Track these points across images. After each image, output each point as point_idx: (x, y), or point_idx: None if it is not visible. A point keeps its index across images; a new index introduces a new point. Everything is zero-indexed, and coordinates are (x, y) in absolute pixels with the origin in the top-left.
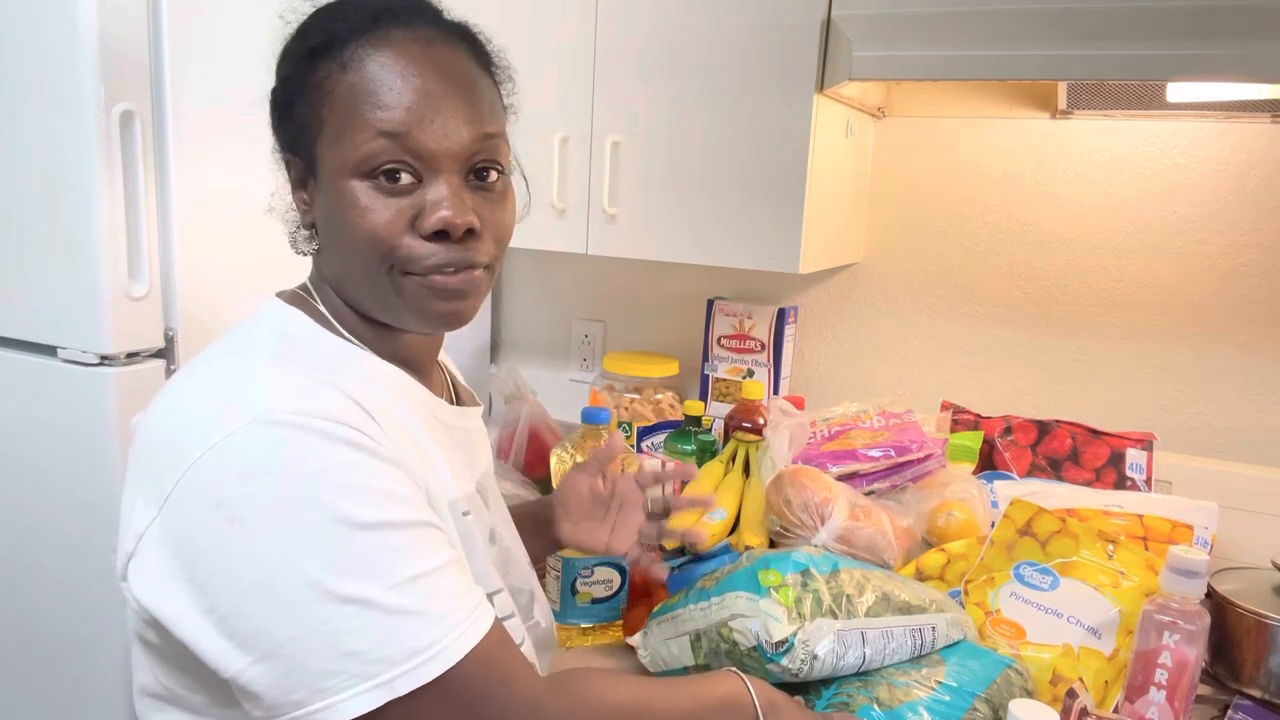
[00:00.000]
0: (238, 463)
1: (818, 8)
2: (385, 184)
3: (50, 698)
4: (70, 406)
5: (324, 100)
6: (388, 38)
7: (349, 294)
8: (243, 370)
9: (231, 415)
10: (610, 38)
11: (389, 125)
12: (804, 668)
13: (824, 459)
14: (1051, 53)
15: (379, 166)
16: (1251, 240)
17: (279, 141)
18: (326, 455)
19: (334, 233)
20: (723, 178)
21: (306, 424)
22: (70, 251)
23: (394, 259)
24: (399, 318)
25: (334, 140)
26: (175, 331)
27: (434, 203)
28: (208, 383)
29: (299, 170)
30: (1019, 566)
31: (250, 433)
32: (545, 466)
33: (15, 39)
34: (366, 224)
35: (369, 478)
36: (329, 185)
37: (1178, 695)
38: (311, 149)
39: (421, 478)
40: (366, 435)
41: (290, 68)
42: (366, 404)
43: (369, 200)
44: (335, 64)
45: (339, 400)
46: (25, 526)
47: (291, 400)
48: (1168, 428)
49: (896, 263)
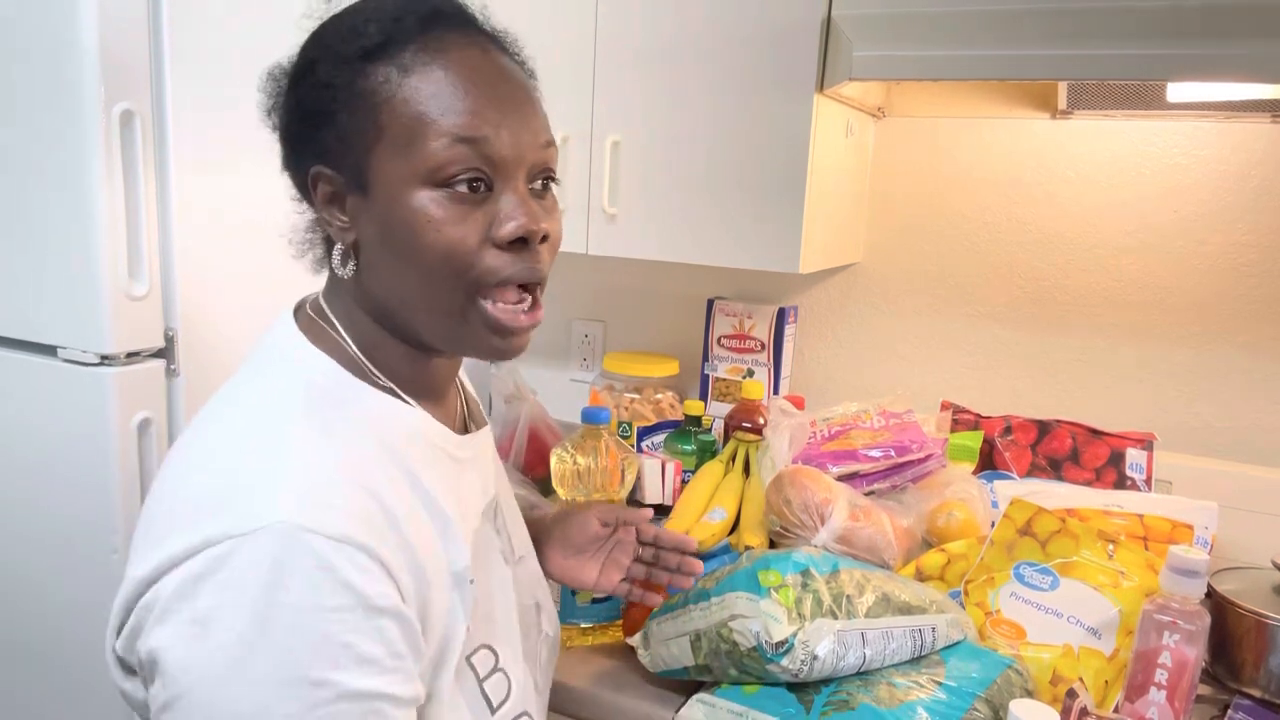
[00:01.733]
0: (231, 578)
1: (818, 7)
2: (460, 193)
3: (50, 698)
4: (70, 406)
5: (383, 106)
6: (445, 41)
7: (399, 318)
8: (265, 444)
9: (243, 512)
10: (610, 38)
11: (466, 130)
12: (804, 668)
13: (824, 459)
14: (1051, 53)
15: (456, 175)
16: (1251, 240)
17: (301, 156)
18: (320, 597)
19: (395, 250)
20: (723, 178)
21: (313, 549)
22: (70, 251)
23: (471, 275)
24: (454, 344)
25: (398, 148)
26: (175, 331)
27: (509, 210)
28: (226, 449)
29: (334, 185)
30: (1019, 566)
31: (254, 548)
32: (545, 466)
33: (15, 39)
34: (444, 238)
35: (351, 635)
36: (390, 197)
37: (1178, 695)
38: (362, 160)
39: (430, 560)
40: (370, 565)
41: (333, 73)
42: (385, 493)
43: (443, 211)
44: (394, 67)
45: (357, 506)
46: (25, 526)
47: (309, 509)
48: (1168, 428)
49: (896, 263)
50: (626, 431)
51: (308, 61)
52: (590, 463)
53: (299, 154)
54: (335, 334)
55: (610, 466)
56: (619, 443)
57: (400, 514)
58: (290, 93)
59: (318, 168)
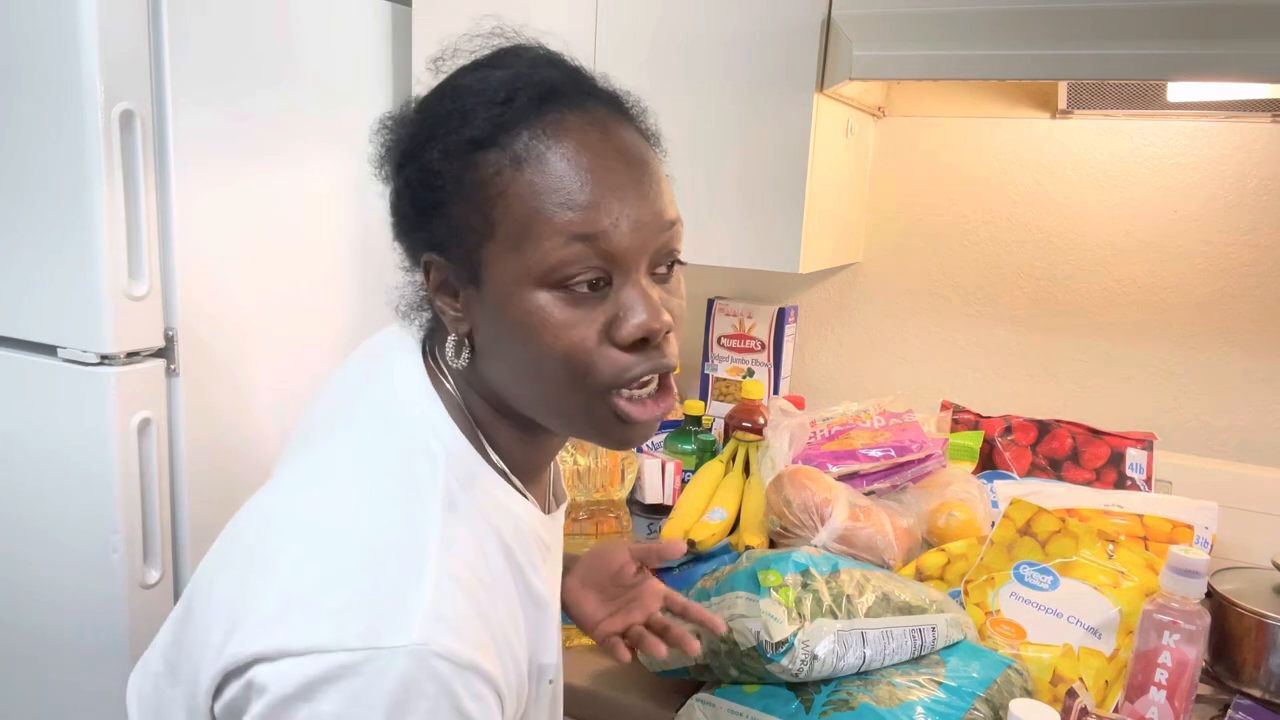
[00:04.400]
0: (359, 691)
1: (818, 7)
2: (580, 293)
3: (50, 698)
4: (70, 406)
5: (496, 201)
6: (562, 124)
7: (519, 409)
8: (411, 547)
9: (385, 625)
10: (610, 38)
11: (583, 227)
12: (804, 668)
13: (824, 459)
14: (1051, 53)
15: (573, 276)
16: (1251, 240)
17: (412, 241)
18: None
19: (510, 350)
20: (722, 178)
21: (440, 675)
22: (70, 251)
23: (594, 378)
24: (579, 434)
25: (511, 246)
26: (175, 331)
27: (629, 307)
28: (368, 538)
29: (447, 274)
30: (1019, 566)
31: (388, 665)
32: None
33: (15, 39)
34: (561, 343)
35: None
36: (504, 295)
37: (1178, 695)
38: (474, 253)
39: (525, 661)
40: (486, 694)
41: (443, 161)
42: (500, 600)
43: (561, 314)
44: (507, 158)
45: (484, 631)
46: (25, 526)
47: (443, 633)
48: (1168, 428)
49: (896, 263)
50: None
51: (417, 144)
52: (590, 463)
53: (410, 237)
54: (457, 402)
55: (610, 466)
56: None
57: (508, 619)
58: (399, 172)
59: (429, 255)
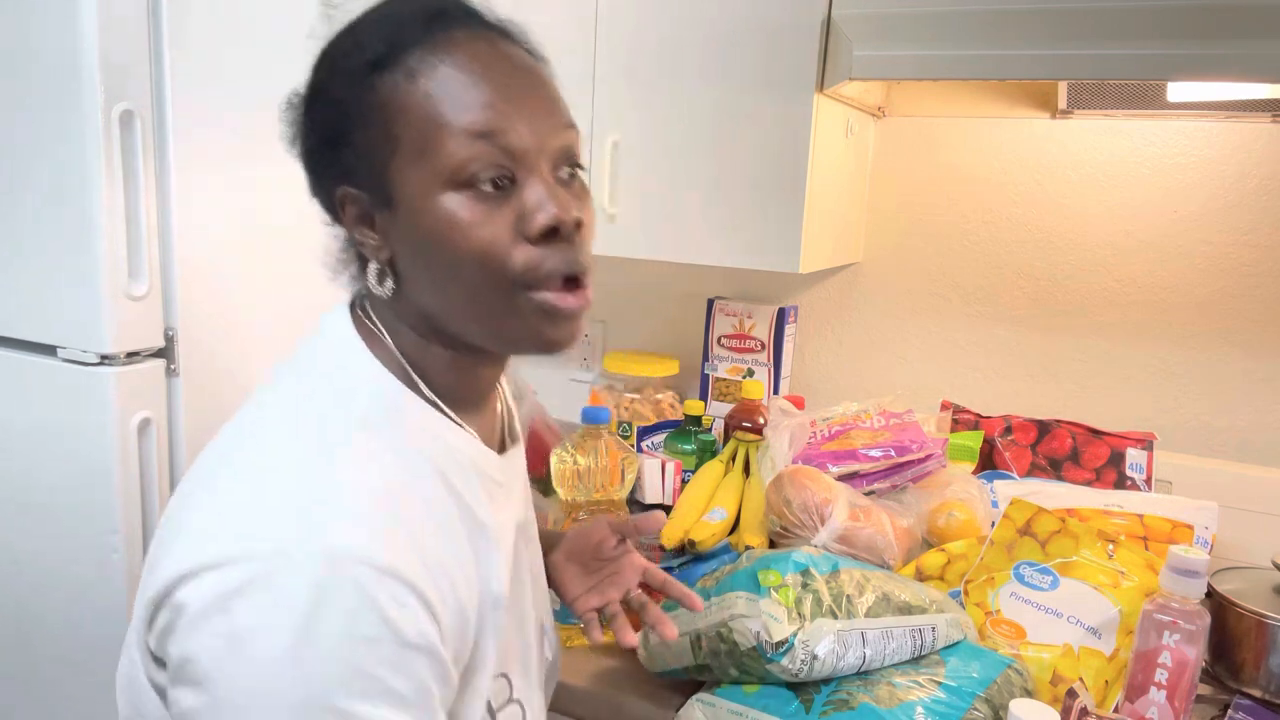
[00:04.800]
0: (273, 599)
1: (818, 7)
2: (485, 191)
3: (50, 697)
4: (70, 406)
5: (396, 117)
6: (451, 39)
7: (446, 326)
8: (320, 461)
9: (292, 532)
10: (610, 38)
11: (481, 125)
12: (804, 668)
13: (824, 459)
14: (1051, 53)
15: (477, 173)
16: (1251, 240)
17: (324, 178)
18: (357, 628)
19: (427, 260)
20: (722, 178)
21: (357, 580)
22: (70, 251)
23: (510, 273)
24: (509, 344)
25: (415, 156)
26: (175, 331)
27: (537, 202)
28: (280, 458)
29: (362, 204)
30: (1019, 566)
31: (300, 572)
32: (545, 466)
33: (15, 39)
34: (474, 240)
35: (382, 668)
36: (415, 207)
37: (1178, 695)
38: (382, 174)
39: (467, 588)
40: (410, 600)
41: (342, 90)
42: (431, 519)
43: (470, 213)
44: (401, 74)
45: (404, 537)
46: (25, 526)
47: (358, 538)
48: (1168, 428)
49: (896, 263)
50: (626, 431)
51: (318, 83)
52: (590, 463)
53: (322, 177)
54: (384, 342)
55: (610, 466)
56: (619, 443)
57: (443, 542)
58: (305, 117)
59: (343, 188)
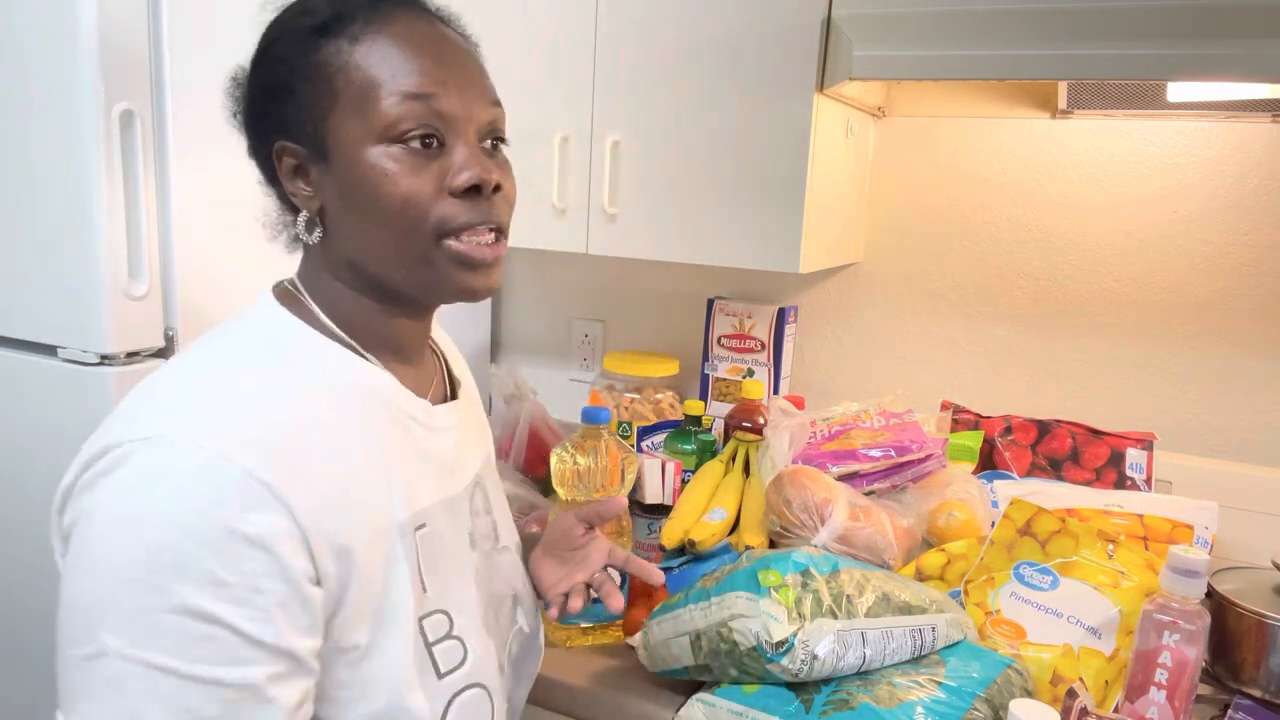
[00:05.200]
0: (117, 480)
1: (818, 7)
2: (415, 148)
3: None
4: (70, 406)
5: (336, 75)
6: (393, 15)
7: (369, 272)
8: (198, 371)
9: (145, 421)
10: (610, 38)
11: (416, 88)
12: (804, 668)
13: (824, 459)
14: (1051, 53)
15: (409, 130)
16: (1251, 240)
17: (263, 133)
18: (181, 508)
19: (357, 207)
20: (723, 178)
21: (192, 462)
22: (70, 251)
23: (429, 222)
24: (428, 290)
25: (353, 111)
26: (175, 331)
27: (462, 162)
28: (163, 375)
29: (298, 156)
30: (1019, 566)
31: (143, 454)
32: (545, 466)
33: (15, 39)
34: (401, 188)
35: (203, 551)
36: (348, 158)
37: (1178, 695)
38: (320, 128)
39: (366, 509)
40: (251, 491)
41: (288, 48)
42: (319, 436)
43: (398, 165)
44: (345, 39)
45: (262, 435)
46: (25, 526)
47: (201, 425)
48: (1168, 428)
49: (896, 263)
50: (626, 431)
51: (266, 43)
52: (590, 463)
53: (261, 131)
54: (305, 302)
55: (610, 466)
56: (619, 443)
57: (332, 457)
58: (251, 77)
59: (280, 142)
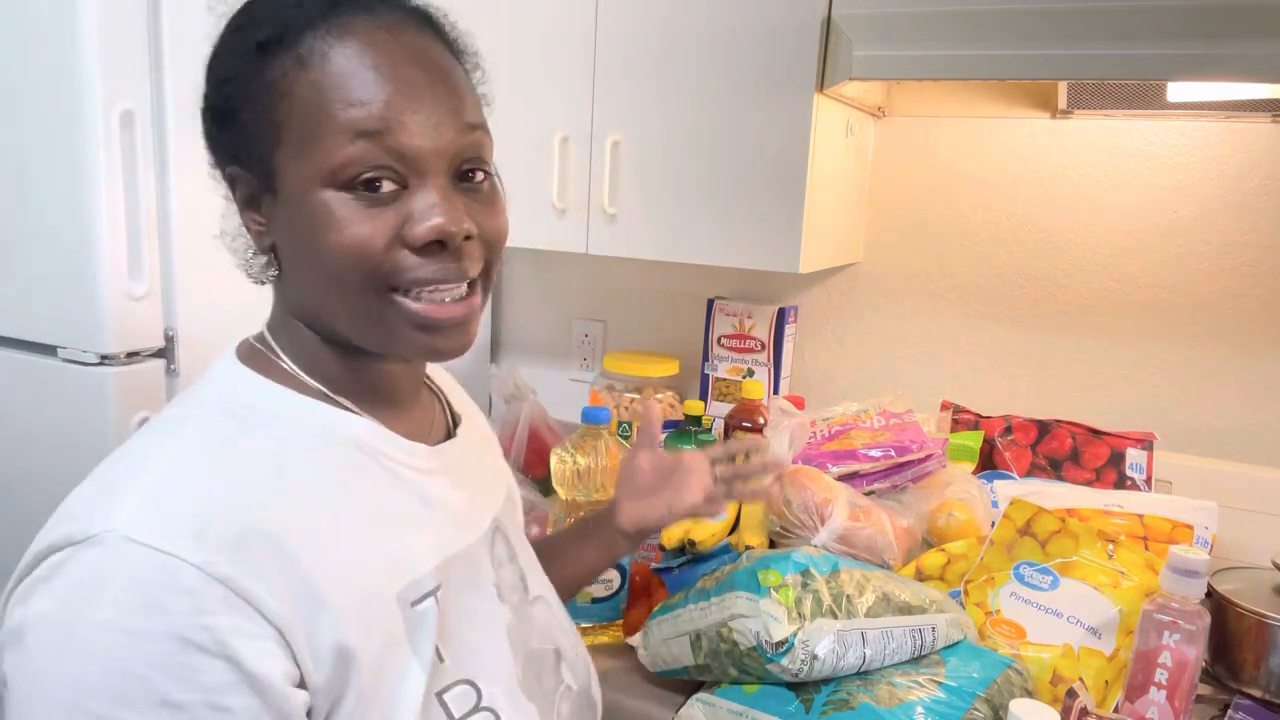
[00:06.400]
0: (57, 587)
1: (818, 7)
2: (370, 195)
3: None
4: (70, 406)
5: (280, 103)
6: (350, 26)
7: (322, 323)
8: (142, 453)
9: (85, 519)
10: (610, 37)
11: (366, 124)
12: (804, 668)
13: (824, 459)
14: (1051, 53)
15: (358, 175)
16: (1251, 240)
17: (217, 154)
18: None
19: (303, 254)
20: (723, 178)
21: (134, 564)
22: (70, 251)
23: (379, 275)
24: (384, 345)
25: (297, 148)
26: (175, 331)
27: (424, 210)
28: (126, 454)
29: (249, 186)
30: (1019, 566)
31: (83, 558)
32: (545, 466)
33: (15, 39)
34: (345, 239)
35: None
36: (294, 200)
37: (1178, 695)
38: (267, 161)
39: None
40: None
41: (232, 67)
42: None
43: (346, 212)
44: (291, 59)
45: (215, 522)
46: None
47: (142, 519)
48: (1168, 428)
49: (896, 263)
50: (626, 431)
51: (212, 56)
52: (590, 463)
53: (216, 154)
54: (269, 352)
55: (610, 466)
56: (619, 443)
57: (310, 535)
58: (205, 90)
59: (231, 169)
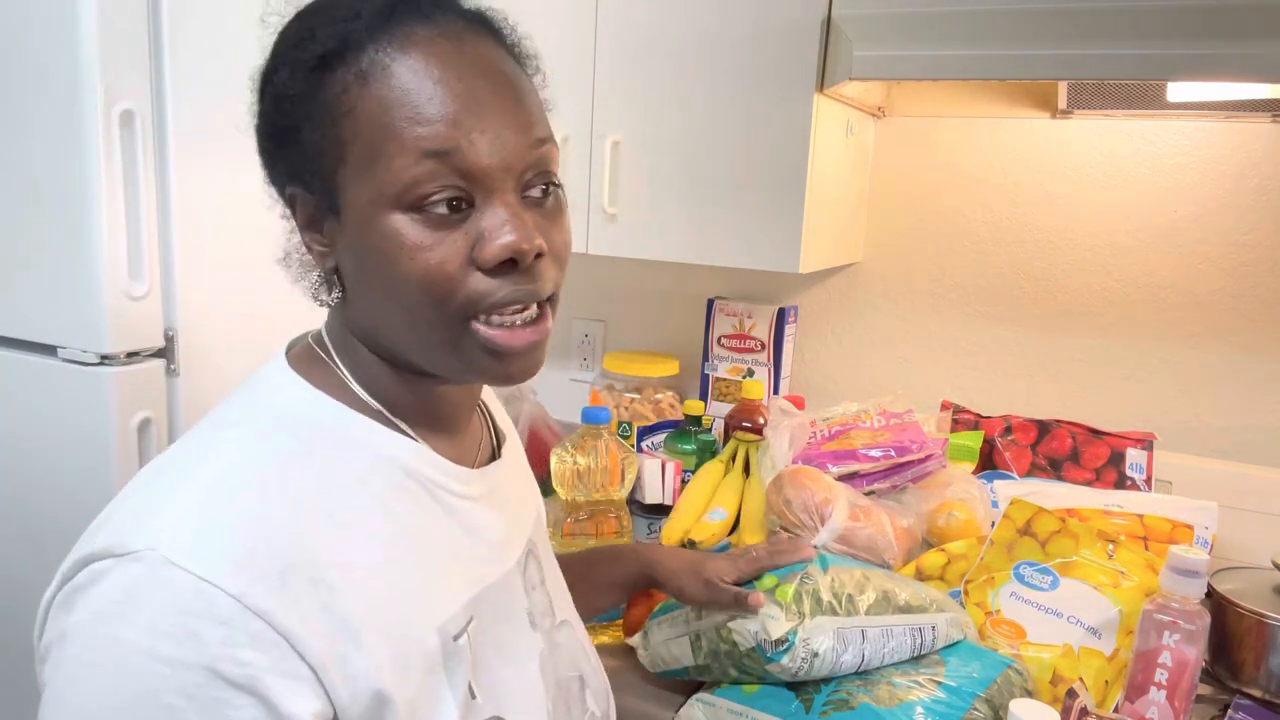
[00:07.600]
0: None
1: (818, 7)
2: (438, 215)
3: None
4: (70, 406)
5: (343, 120)
6: (411, 36)
7: (390, 347)
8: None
9: (128, 531)
10: (610, 37)
11: (433, 143)
12: (804, 666)
13: (824, 459)
14: (1051, 53)
15: (426, 196)
16: (1251, 240)
17: (275, 174)
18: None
19: (371, 279)
20: (723, 178)
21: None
22: (70, 251)
23: (455, 303)
24: (455, 372)
25: (363, 168)
26: (175, 331)
27: (494, 228)
28: (161, 463)
29: (310, 207)
30: (1019, 566)
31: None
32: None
33: (15, 39)
34: (419, 267)
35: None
36: (360, 222)
37: (1178, 695)
38: (330, 180)
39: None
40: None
41: (291, 83)
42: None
43: (417, 236)
44: (352, 74)
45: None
46: (25, 526)
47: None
48: (1168, 428)
49: (896, 263)
50: (626, 431)
51: (268, 71)
52: (590, 463)
53: (274, 173)
54: (329, 361)
55: (610, 466)
56: (619, 443)
57: (353, 566)
58: (258, 105)
59: (292, 188)
